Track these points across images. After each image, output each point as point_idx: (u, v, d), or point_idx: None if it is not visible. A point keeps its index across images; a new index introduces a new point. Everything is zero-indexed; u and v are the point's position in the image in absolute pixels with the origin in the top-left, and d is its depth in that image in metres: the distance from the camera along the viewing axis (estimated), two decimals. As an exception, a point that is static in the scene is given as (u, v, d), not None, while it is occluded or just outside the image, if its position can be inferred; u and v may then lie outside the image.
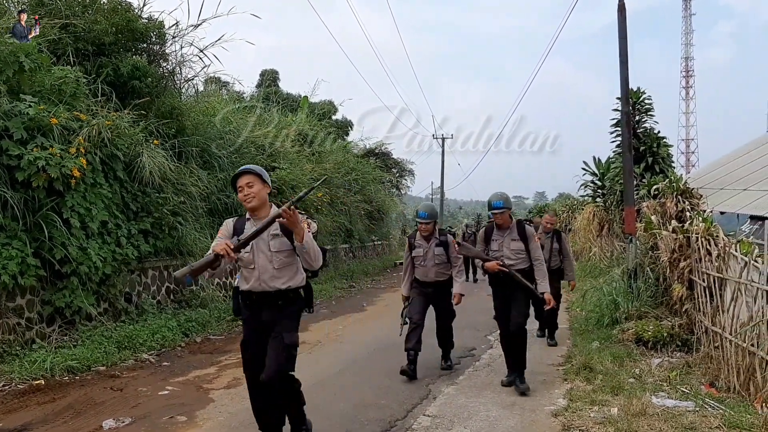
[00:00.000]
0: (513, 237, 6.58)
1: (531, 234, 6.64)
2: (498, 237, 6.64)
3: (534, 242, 6.62)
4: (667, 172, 14.48)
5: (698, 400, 5.72)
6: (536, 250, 6.63)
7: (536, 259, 6.58)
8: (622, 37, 10.45)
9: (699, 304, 7.53)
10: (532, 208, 42.11)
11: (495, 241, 6.63)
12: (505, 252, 6.55)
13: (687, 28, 78.88)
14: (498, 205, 6.50)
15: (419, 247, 7.17)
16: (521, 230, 6.62)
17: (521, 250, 6.55)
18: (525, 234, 6.59)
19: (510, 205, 6.65)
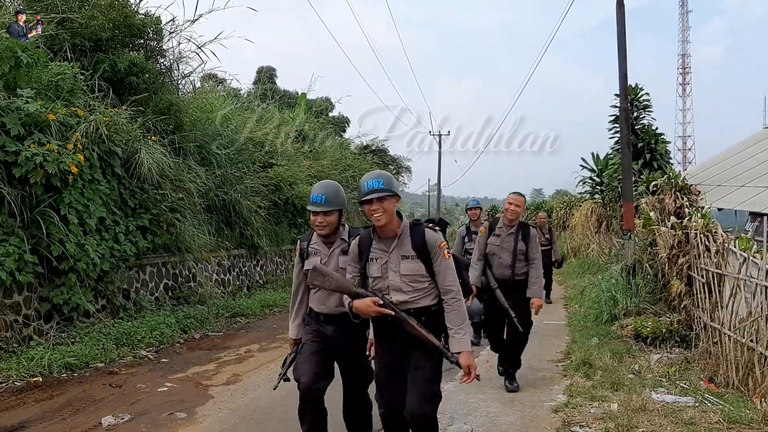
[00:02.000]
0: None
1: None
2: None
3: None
4: (665, 168, 14.49)
5: (697, 395, 5.73)
6: None
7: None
8: (621, 33, 10.44)
9: (698, 300, 7.54)
10: (530, 205, 42.15)
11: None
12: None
13: (683, 24, 78.88)
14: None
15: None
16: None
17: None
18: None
19: None
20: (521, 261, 6.13)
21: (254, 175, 14.40)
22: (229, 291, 12.59)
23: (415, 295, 3.55)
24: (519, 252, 6.12)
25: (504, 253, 6.18)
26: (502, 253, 6.18)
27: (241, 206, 13.11)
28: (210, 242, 11.53)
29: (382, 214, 3.47)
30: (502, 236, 6.21)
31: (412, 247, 3.53)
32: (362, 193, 3.49)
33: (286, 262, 16.24)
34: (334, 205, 3.94)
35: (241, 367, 7.63)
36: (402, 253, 3.54)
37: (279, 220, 15.63)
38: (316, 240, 4.11)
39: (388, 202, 3.48)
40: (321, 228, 3.97)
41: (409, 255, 3.52)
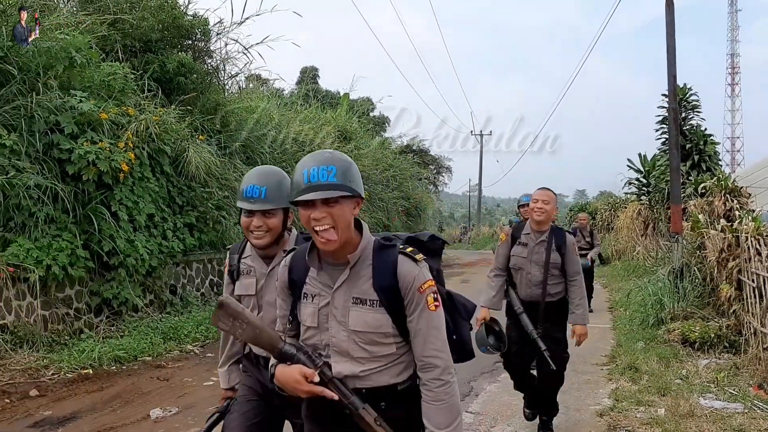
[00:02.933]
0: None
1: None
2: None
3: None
4: (714, 170, 14.17)
5: (747, 401, 5.60)
6: None
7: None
8: (670, 33, 10.24)
9: (748, 305, 7.35)
10: (573, 207, 41.63)
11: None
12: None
13: (732, 24, 76.88)
14: None
15: None
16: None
17: None
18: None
19: None
20: (555, 277, 4.78)
21: (297, 174, 14.55)
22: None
23: (373, 366, 2.08)
24: (552, 265, 4.74)
25: (533, 266, 4.79)
26: (531, 266, 4.80)
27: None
28: (254, 240, 11.68)
29: (330, 229, 1.96)
30: (530, 245, 4.82)
31: (373, 286, 2.04)
32: (297, 188, 1.99)
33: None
34: (277, 201, 2.66)
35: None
36: (355, 294, 2.05)
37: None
38: (251, 252, 2.88)
39: (343, 206, 1.98)
40: (258, 236, 2.70)
41: (366, 299, 2.04)
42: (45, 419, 5.49)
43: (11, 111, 7.95)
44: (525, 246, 4.84)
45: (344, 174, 1.96)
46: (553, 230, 4.85)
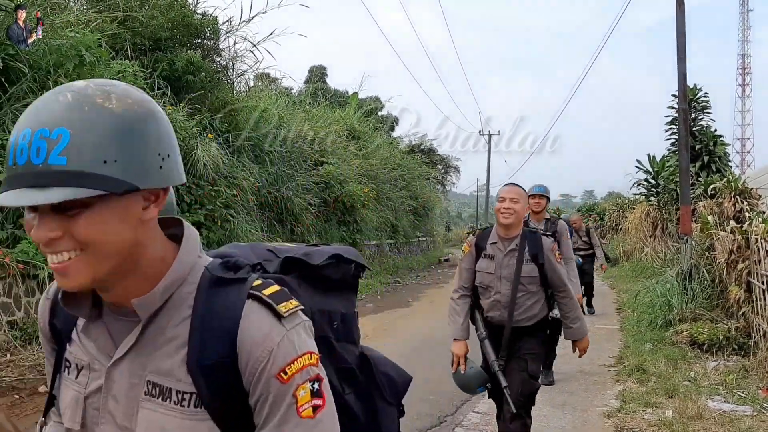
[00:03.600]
0: None
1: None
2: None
3: None
4: (723, 171, 14.12)
5: (756, 404, 5.58)
6: None
7: None
8: (681, 34, 10.20)
9: (757, 307, 7.32)
10: (581, 207, 41.51)
11: None
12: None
13: (744, 24, 76.48)
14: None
15: None
16: None
17: None
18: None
19: None
20: (532, 294, 3.83)
21: (305, 173, 14.59)
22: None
23: None
24: (527, 280, 3.79)
25: (503, 284, 3.82)
26: (501, 284, 3.83)
27: (293, 203, 13.28)
28: (262, 238, 11.71)
29: (70, 261, 0.95)
30: (497, 257, 3.84)
31: (187, 362, 0.99)
32: None
33: (335, 259, 16.39)
34: None
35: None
36: (150, 377, 1.00)
37: (329, 218, 15.79)
38: None
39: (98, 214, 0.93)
40: None
41: (170, 388, 0.99)
42: (53, 415, 5.50)
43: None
44: (492, 259, 3.85)
45: (91, 145, 0.90)
46: (525, 235, 3.84)
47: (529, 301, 3.81)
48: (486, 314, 3.92)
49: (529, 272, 3.78)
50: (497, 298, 3.82)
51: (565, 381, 6.73)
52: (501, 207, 3.79)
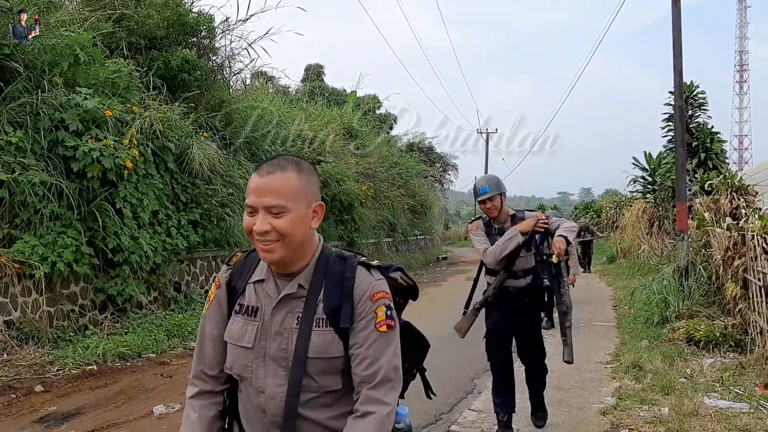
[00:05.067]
0: None
1: None
2: None
3: None
4: (720, 168, 14.12)
5: (752, 401, 5.56)
6: None
7: None
8: (676, 29, 10.19)
9: (754, 304, 7.31)
10: (578, 205, 41.53)
11: None
12: None
13: (741, 20, 76.51)
14: None
15: None
16: None
17: None
18: None
19: None
20: None
21: (302, 172, 14.55)
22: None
23: None
24: None
25: None
26: None
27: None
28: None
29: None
30: None
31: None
32: None
33: (333, 258, 16.39)
34: None
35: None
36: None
37: (326, 217, 15.69)
38: None
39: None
40: None
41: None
42: (50, 414, 5.51)
43: (17, 108, 7.97)
44: None
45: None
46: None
47: None
48: None
49: None
50: None
51: (560, 378, 6.73)
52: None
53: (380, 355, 1.70)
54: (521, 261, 4.64)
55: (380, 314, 1.71)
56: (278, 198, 1.66)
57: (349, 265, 1.76)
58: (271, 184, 1.68)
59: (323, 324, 1.70)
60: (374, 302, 1.71)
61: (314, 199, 1.75)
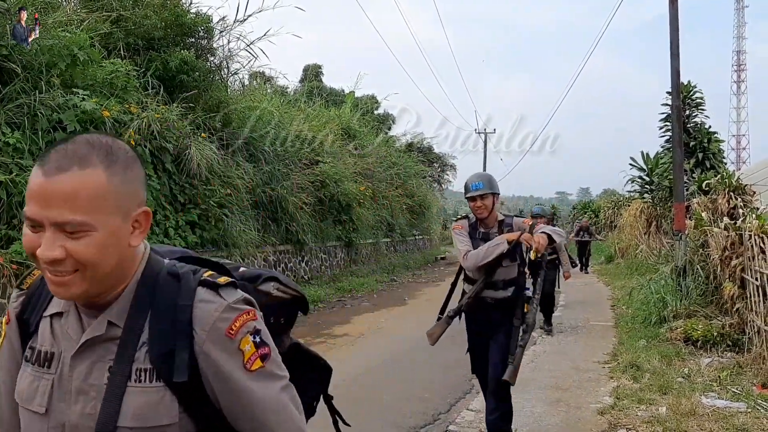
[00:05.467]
0: None
1: None
2: None
3: None
4: (718, 168, 14.15)
5: (750, 401, 5.58)
6: None
7: None
8: (674, 29, 10.20)
9: (751, 304, 7.33)
10: (576, 205, 41.57)
11: None
12: None
13: (739, 20, 76.59)
14: None
15: None
16: None
17: None
18: None
19: None
20: None
21: (300, 172, 14.56)
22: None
23: None
24: None
25: None
26: None
27: (287, 203, 13.26)
28: (256, 238, 11.70)
29: None
30: None
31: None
32: None
33: (331, 258, 16.40)
34: None
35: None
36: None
37: (324, 217, 15.76)
38: None
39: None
40: None
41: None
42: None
43: (15, 109, 7.96)
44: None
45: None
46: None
47: None
48: None
49: None
50: None
51: (558, 378, 6.75)
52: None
53: (266, 409, 1.19)
54: (503, 271, 4.33)
55: (246, 348, 1.17)
56: (74, 211, 1.08)
57: (185, 288, 1.19)
58: (63, 188, 1.09)
59: (147, 378, 1.14)
60: (233, 336, 1.16)
61: (135, 204, 1.19)
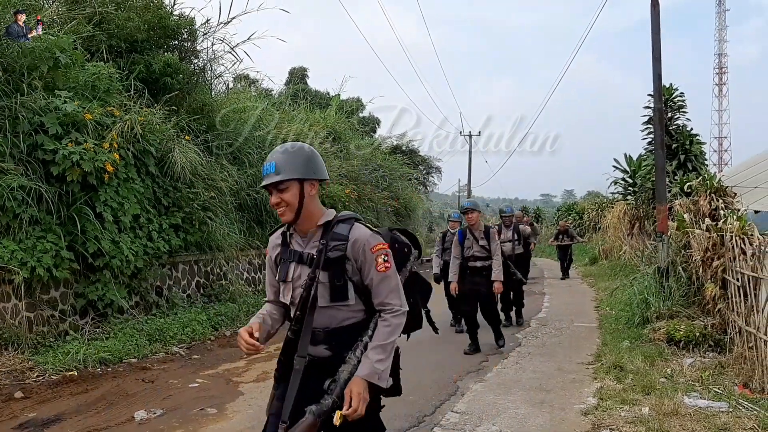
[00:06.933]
0: None
1: None
2: None
3: None
4: (700, 170, 14.25)
5: (732, 400, 5.63)
6: None
7: None
8: (656, 32, 10.30)
9: (733, 304, 7.39)
10: (561, 206, 41.76)
11: None
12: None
13: (720, 24, 77.41)
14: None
15: None
16: None
17: None
18: None
19: None
20: None
21: (285, 175, 14.48)
22: (259, 289, 12.71)
23: None
24: None
25: None
26: None
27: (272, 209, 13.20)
28: (241, 241, 11.66)
29: None
30: None
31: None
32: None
33: (316, 261, 16.33)
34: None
35: (271, 364, 7.65)
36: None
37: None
38: None
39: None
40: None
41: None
42: (29, 421, 5.45)
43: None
44: None
45: None
46: None
47: None
48: None
49: None
50: None
51: (543, 379, 6.77)
52: None
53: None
54: None
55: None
56: None
57: None
58: None
59: None
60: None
61: None
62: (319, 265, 2.66)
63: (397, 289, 2.70)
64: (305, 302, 2.69)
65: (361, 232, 2.69)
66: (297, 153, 2.74)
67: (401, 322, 2.71)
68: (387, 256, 2.66)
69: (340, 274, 2.67)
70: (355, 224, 2.72)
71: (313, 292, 2.67)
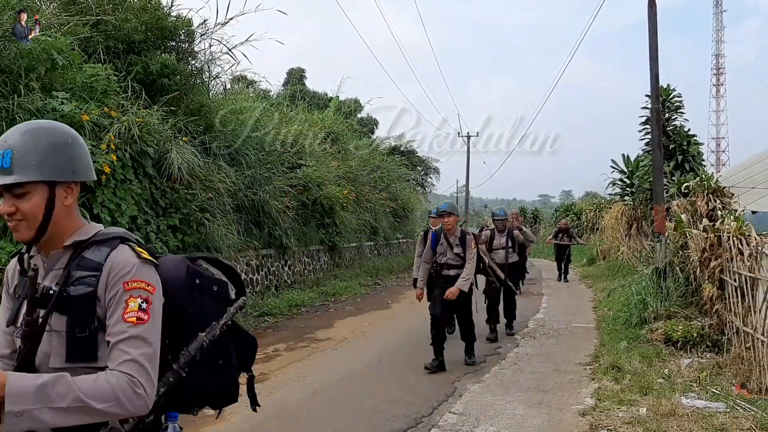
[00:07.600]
0: None
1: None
2: None
3: None
4: (697, 170, 14.30)
5: (729, 401, 5.64)
6: None
7: None
8: (653, 33, 10.31)
9: (730, 305, 7.41)
10: (559, 207, 41.80)
11: None
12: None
13: (718, 24, 77.62)
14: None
15: None
16: None
17: None
18: None
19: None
20: None
21: (283, 176, 14.49)
22: (257, 290, 12.70)
23: None
24: None
25: None
26: None
27: (270, 206, 13.18)
28: (238, 242, 11.64)
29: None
30: None
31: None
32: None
33: (314, 262, 16.34)
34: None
35: (268, 365, 7.69)
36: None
37: (307, 221, 15.70)
38: None
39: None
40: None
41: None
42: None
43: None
44: None
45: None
46: None
47: None
48: None
49: None
50: None
51: (540, 380, 6.78)
52: None
53: None
54: None
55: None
56: None
57: None
58: None
59: None
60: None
61: None
62: (46, 305, 1.67)
63: (147, 363, 1.66)
64: (25, 360, 1.69)
65: (121, 258, 1.73)
66: (48, 140, 1.74)
67: (134, 410, 1.65)
68: (147, 303, 1.68)
69: (85, 321, 1.69)
70: (119, 246, 1.77)
71: (39, 346, 1.70)
